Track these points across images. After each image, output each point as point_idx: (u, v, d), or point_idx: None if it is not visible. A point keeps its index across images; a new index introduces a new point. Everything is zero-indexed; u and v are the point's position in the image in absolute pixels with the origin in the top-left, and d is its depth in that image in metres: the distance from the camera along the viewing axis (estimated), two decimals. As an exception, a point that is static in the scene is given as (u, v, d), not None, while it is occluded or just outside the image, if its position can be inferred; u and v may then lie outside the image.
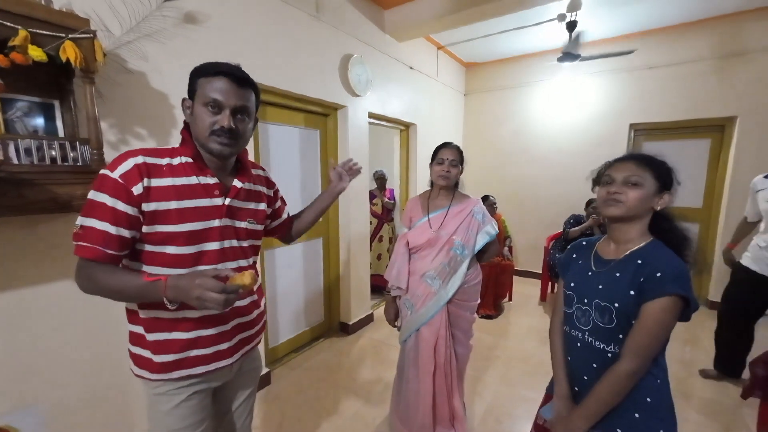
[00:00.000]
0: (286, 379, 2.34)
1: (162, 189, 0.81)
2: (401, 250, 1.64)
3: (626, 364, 0.85)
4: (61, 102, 1.29)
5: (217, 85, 0.83)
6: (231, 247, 0.92)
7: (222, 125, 0.83)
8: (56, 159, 1.14)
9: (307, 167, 2.67)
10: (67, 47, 1.05)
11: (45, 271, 1.31)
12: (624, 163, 0.93)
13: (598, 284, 0.94)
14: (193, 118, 0.86)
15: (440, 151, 1.59)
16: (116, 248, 0.78)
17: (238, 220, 0.94)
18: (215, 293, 0.70)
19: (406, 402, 1.66)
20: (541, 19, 3.26)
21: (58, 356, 1.37)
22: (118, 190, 0.77)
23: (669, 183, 0.91)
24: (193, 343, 0.88)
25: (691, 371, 2.37)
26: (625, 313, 0.87)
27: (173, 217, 0.82)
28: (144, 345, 0.88)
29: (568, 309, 1.02)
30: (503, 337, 2.95)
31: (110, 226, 0.76)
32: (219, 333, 0.91)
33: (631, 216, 0.91)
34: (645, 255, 0.89)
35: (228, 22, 1.85)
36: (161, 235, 0.82)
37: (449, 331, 1.59)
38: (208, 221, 0.87)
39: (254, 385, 1.14)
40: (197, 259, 0.86)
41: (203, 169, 0.88)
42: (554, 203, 4.20)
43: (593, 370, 0.93)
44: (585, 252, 1.05)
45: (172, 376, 0.88)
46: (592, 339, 0.94)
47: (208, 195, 0.87)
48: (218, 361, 0.92)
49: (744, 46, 3.13)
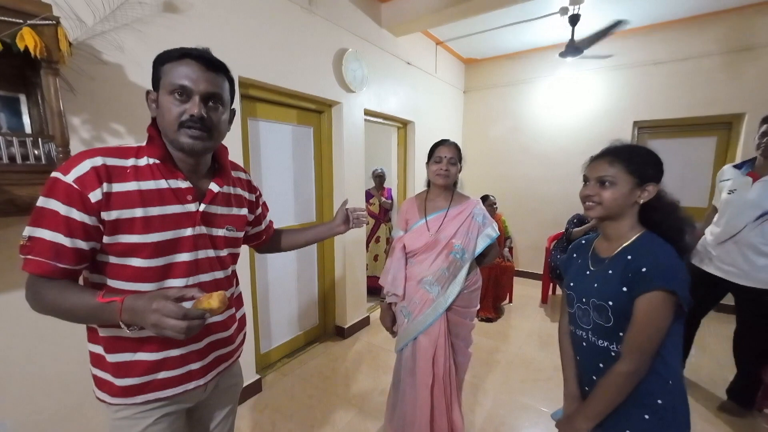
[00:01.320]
0: (278, 386, 2.25)
1: (125, 195, 0.72)
2: (397, 255, 1.55)
3: (624, 363, 0.83)
4: (28, 96, 1.19)
5: (183, 69, 0.73)
6: (206, 258, 0.83)
7: (192, 113, 0.73)
8: (15, 157, 1.04)
9: (300, 166, 2.58)
10: (25, 34, 0.96)
11: (3, 279, 1.21)
12: (597, 161, 0.92)
13: (593, 283, 0.92)
14: (159, 111, 0.76)
15: (437, 148, 1.50)
16: (70, 262, 0.69)
17: (215, 228, 0.85)
18: (175, 320, 0.62)
19: (402, 415, 1.57)
20: (543, 12, 3.16)
21: (26, 369, 1.28)
22: (72, 197, 0.67)
23: (649, 174, 0.88)
24: (160, 365, 0.79)
25: (698, 378, 2.28)
26: (621, 310, 0.85)
27: (138, 226, 0.72)
28: (104, 367, 0.79)
29: (571, 309, 1.01)
30: (503, 341, 2.86)
31: (63, 238, 0.67)
32: (190, 352, 0.82)
33: (613, 215, 0.90)
34: (634, 250, 0.87)
35: (212, 11, 1.75)
36: (124, 246, 0.72)
37: (448, 340, 1.49)
38: (179, 230, 0.77)
39: (233, 403, 1.04)
40: (165, 272, 0.77)
41: (173, 171, 0.78)
42: (556, 203, 4.11)
43: (600, 370, 0.91)
44: (583, 251, 1.04)
45: (136, 401, 0.79)
46: (595, 338, 0.93)
47: (179, 201, 0.78)
48: (188, 383, 0.83)
49: (753, 41, 3.02)
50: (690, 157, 3.49)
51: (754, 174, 1.79)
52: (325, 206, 2.78)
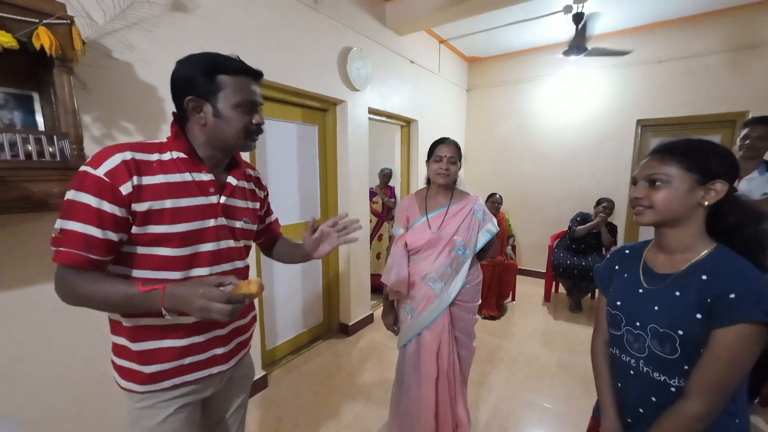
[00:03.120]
0: (283, 382, 2.27)
1: (154, 187, 0.75)
2: (399, 252, 1.55)
3: (695, 405, 0.70)
4: (41, 94, 1.21)
5: (247, 84, 0.81)
6: (228, 248, 0.87)
7: (259, 123, 0.83)
8: (32, 154, 1.06)
9: (305, 164, 2.59)
10: (41, 33, 0.98)
11: (17, 274, 1.23)
12: (647, 160, 0.79)
13: (653, 305, 0.78)
14: (218, 121, 0.80)
15: (437, 147, 1.51)
16: (102, 253, 0.72)
17: (233, 220, 0.89)
18: (221, 303, 0.67)
19: (407, 410, 1.59)
20: (547, 11, 3.16)
21: (36, 365, 1.30)
22: (103, 189, 0.70)
23: (714, 169, 0.72)
24: (186, 351, 0.83)
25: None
26: (692, 340, 0.71)
27: (168, 216, 0.76)
28: (129, 356, 0.81)
29: (616, 331, 0.86)
30: (507, 339, 2.87)
31: (95, 229, 0.70)
32: (215, 338, 0.87)
33: (671, 220, 0.76)
34: (711, 268, 0.72)
35: (219, 10, 1.77)
36: (153, 236, 0.76)
37: (452, 334, 1.51)
38: (203, 221, 0.82)
39: (246, 393, 1.07)
40: (191, 261, 0.81)
41: (198, 165, 0.82)
42: (558, 201, 4.11)
43: (651, 404, 0.79)
44: (631, 263, 0.88)
45: (164, 386, 0.82)
46: (650, 369, 0.78)
47: (202, 193, 0.82)
48: (212, 367, 0.88)
49: (757, 39, 3.02)
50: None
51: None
52: (329, 204, 2.80)
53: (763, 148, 1.80)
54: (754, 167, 1.82)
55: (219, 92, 0.78)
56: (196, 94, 0.78)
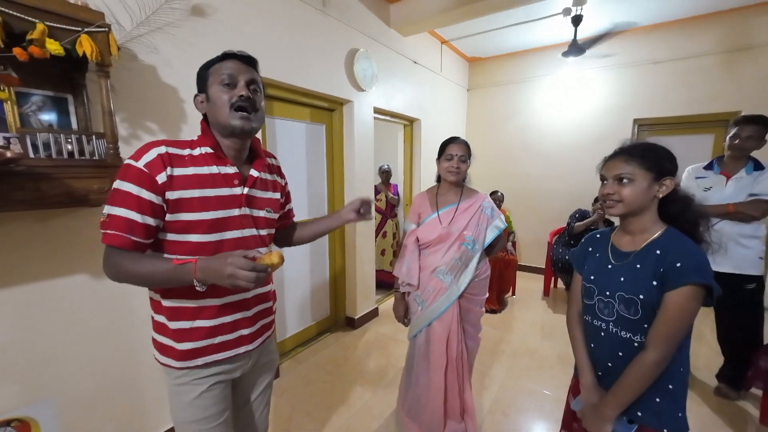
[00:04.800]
0: (294, 372, 2.36)
1: (185, 178, 0.83)
2: (410, 247, 1.64)
3: (653, 354, 0.86)
4: (74, 96, 1.29)
5: (228, 64, 0.87)
6: (251, 236, 0.94)
7: (240, 94, 0.85)
8: (73, 153, 1.14)
9: (313, 162, 2.67)
10: (84, 41, 1.05)
11: (60, 265, 1.32)
12: (612, 160, 0.95)
13: (619, 277, 0.95)
14: (210, 104, 0.88)
15: (448, 146, 1.58)
16: (142, 236, 0.80)
17: (256, 209, 0.96)
18: (246, 271, 0.72)
19: (415, 397, 1.68)
20: (546, 13, 3.25)
21: (73, 349, 1.38)
22: (143, 179, 0.78)
23: (666, 168, 0.91)
24: (216, 330, 0.90)
25: (694, 364, 2.39)
26: (650, 303, 0.88)
27: (196, 205, 0.84)
28: (167, 333, 0.90)
29: (589, 300, 1.03)
30: (508, 332, 2.97)
31: (135, 214, 0.78)
32: (242, 318, 0.94)
33: (635, 210, 0.93)
34: (663, 245, 0.90)
35: (234, 14, 1.84)
36: (184, 223, 0.83)
37: (460, 325, 1.60)
38: (229, 210, 0.89)
39: (272, 375, 1.15)
40: (218, 247, 0.88)
41: (222, 159, 0.89)
42: (557, 198, 4.21)
43: (619, 358, 0.95)
44: (601, 244, 1.06)
45: (197, 363, 0.90)
46: (617, 329, 0.95)
47: (228, 184, 0.89)
48: (240, 347, 0.95)
49: (750, 41, 3.12)
50: (689, 153, 3.54)
51: (726, 173, 1.95)
52: (336, 201, 2.88)
53: (752, 148, 1.86)
54: (742, 166, 1.90)
55: (208, 80, 0.87)
56: (199, 90, 0.91)
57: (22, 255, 1.24)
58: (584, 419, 0.99)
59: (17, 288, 1.24)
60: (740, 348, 1.98)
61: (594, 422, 0.94)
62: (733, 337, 2.03)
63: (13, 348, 1.25)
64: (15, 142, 1.10)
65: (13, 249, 1.21)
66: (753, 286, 1.88)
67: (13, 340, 1.25)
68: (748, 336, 1.95)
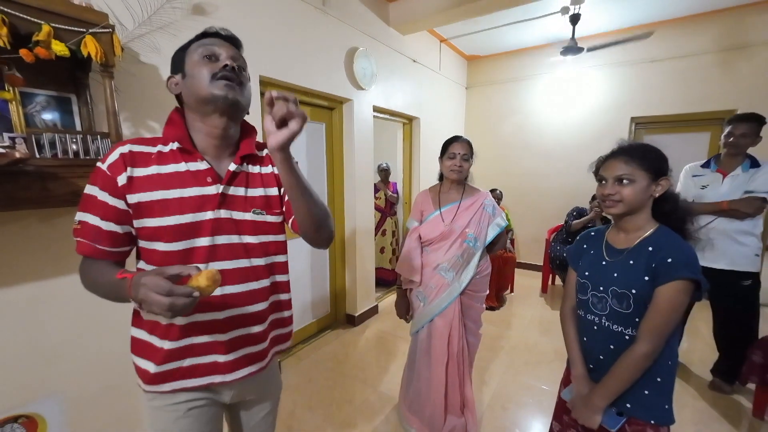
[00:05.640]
0: (295, 369, 2.38)
1: (145, 179, 0.74)
2: (413, 244, 1.66)
3: (643, 346, 0.90)
4: (78, 96, 1.29)
5: (210, 40, 0.78)
6: (228, 244, 0.78)
7: (225, 63, 0.75)
8: (78, 152, 1.15)
9: (313, 161, 2.69)
10: (88, 42, 1.06)
11: (64, 262, 1.33)
12: (612, 161, 0.97)
13: (613, 272, 0.98)
14: (187, 80, 0.76)
15: (451, 145, 1.60)
16: (108, 244, 0.73)
17: (239, 211, 0.80)
18: (159, 295, 0.58)
19: (417, 392, 1.70)
20: (544, 12, 3.26)
21: (79, 346, 1.40)
22: (106, 182, 0.72)
23: (662, 169, 0.95)
24: (185, 351, 0.79)
25: (689, 359, 2.44)
26: (642, 297, 0.92)
27: (157, 209, 0.73)
28: (139, 352, 0.81)
29: (583, 296, 1.06)
30: (507, 328, 3.00)
31: (99, 221, 0.72)
32: (216, 342, 0.80)
33: (634, 210, 0.96)
34: (655, 242, 0.93)
35: (235, 13, 1.85)
36: (149, 230, 0.74)
37: (461, 321, 1.62)
38: (199, 213, 0.76)
39: (273, 403, 1.00)
40: (185, 257, 0.75)
41: (192, 153, 0.77)
42: (555, 196, 4.24)
43: (610, 351, 0.99)
44: (595, 242, 1.09)
45: (164, 389, 0.79)
46: (610, 323, 0.99)
47: (197, 183, 0.76)
48: (214, 375, 0.81)
49: (746, 40, 3.15)
50: (685, 151, 3.60)
51: (722, 171, 1.98)
52: (336, 199, 2.90)
53: (746, 145, 1.89)
54: (738, 164, 1.93)
55: (186, 59, 0.77)
56: (174, 72, 0.80)
57: (29, 253, 1.25)
58: (574, 409, 1.02)
59: (24, 286, 1.25)
60: (735, 343, 2.01)
61: (583, 412, 0.97)
62: (729, 332, 2.06)
63: (19, 345, 1.26)
64: (21, 141, 1.11)
65: (20, 247, 1.23)
66: (749, 282, 1.91)
67: (20, 337, 1.26)
68: (743, 331, 1.99)
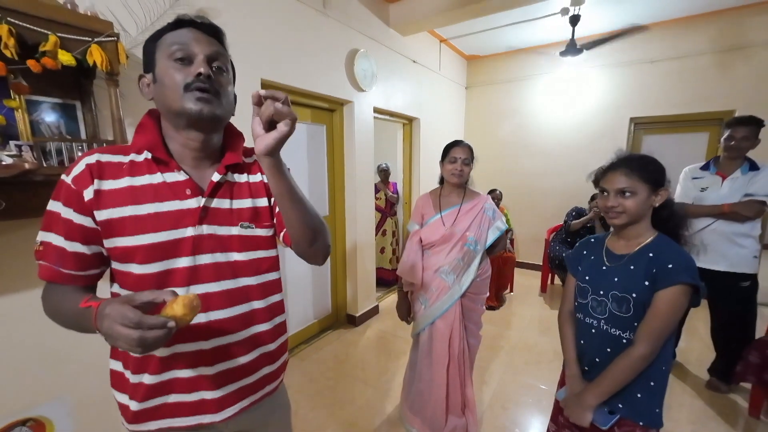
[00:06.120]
0: (297, 369, 2.41)
1: (115, 192, 0.64)
2: (414, 247, 1.68)
3: (641, 348, 0.93)
4: (83, 102, 1.31)
5: (182, 33, 0.66)
6: (212, 263, 0.70)
7: (198, 71, 0.63)
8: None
9: (314, 162, 2.70)
10: (94, 51, 1.07)
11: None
12: (613, 173, 1.00)
13: (613, 277, 1.01)
14: (157, 86, 0.66)
15: (452, 149, 1.62)
16: (73, 267, 0.64)
17: (224, 226, 0.71)
18: (126, 328, 0.50)
19: (418, 392, 1.73)
20: (544, 12, 3.27)
21: (85, 348, 1.41)
22: (70, 197, 0.63)
23: (661, 180, 0.98)
24: (167, 387, 0.69)
25: (686, 358, 2.47)
26: (641, 301, 0.95)
27: (129, 226, 0.64)
28: (118, 386, 0.73)
29: (583, 299, 1.09)
30: (506, 328, 3.03)
31: (63, 241, 0.63)
32: (202, 377, 0.70)
33: (636, 220, 1.00)
34: (655, 248, 0.97)
35: (238, 18, 1.86)
36: (121, 249, 0.65)
37: (462, 323, 1.64)
38: (177, 230, 0.66)
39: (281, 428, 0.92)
40: (162, 280, 0.66)
41: (167, 163, 0.68)
42: (554, 196, 4.26)
43: (606, 354, 1.02)
44: (596, 248, 1.13)
45: (150, 427, 0.71)
46: (608, 326, 1.02)
47: (175, 196, 0.67)
48: (203, 414, 0.71)
49: (744, 41, 3.16)
50: (684, 151, 3.64)
51: (722, 173, 2.00)
52: (337, 200, 2.92)
53: (746, 148, 1.91)
54: (737, 167, 1.95)
55: (156, 55, 0.66)
56: (145, 70, 0.68)
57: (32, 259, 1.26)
58: (566, 407, 1.05)
59: (33, 291, 1.27)
60: (732, 343, 2.04)
61: (575, 409, 1.00)
62: (727, 332, 2.09)
63: (28, 349, 1.28)
64: (27, 149, 1.13)
65: (27, 253, 1.24)
66: (747, 283, 1.94)
67: (28, 341, 1.28)
68: (741, 332, 2.02)
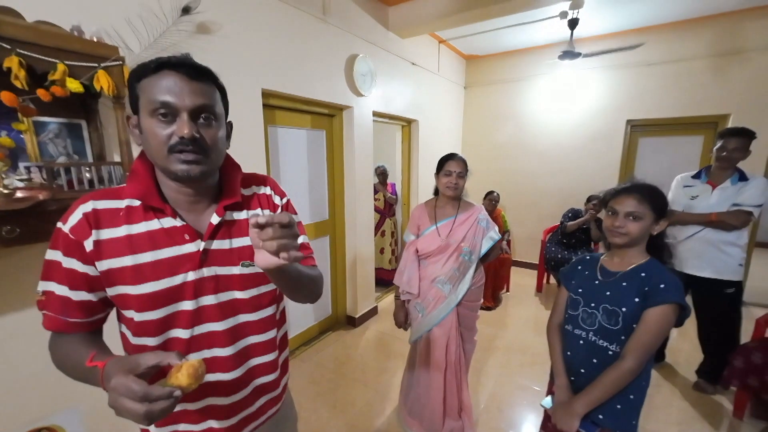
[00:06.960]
0: (298, 371, 2.47)
1: (113, 242, 0.64)
2: (411, 257, 1.73)
3: (630, 362, 0.99)
4: (88, 122, 1.33)
5: (163, 83, 0.60)
6: (217, 304, 0.70)
7: (181, 135, 0.60)
8: (93, 181, 1.20)
9: (314, 167, 2.74)
10: (101, 77, 1.10)
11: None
12: (626, 197, 1.05)
13: (605, 291, 1.08)
14: (143, 137, 0.63)
15: (447, 162, 1.65)
16: (79, 315, 0.65)
17: (225, 266, 0.71)
18: (132, 401, 0.49)
19: (416, 397, 1.79)
20: (543, 15, 3.28)
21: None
22: (70, 247, 0.63)
23: (664, 211, 1.05)
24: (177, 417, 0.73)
25: (675, 359, 2.55)
26: (630, 316, 1.02)
27: (128, 276, 0.64)
28: None
29: (574, 311, 1.15)
30: (502, 329, 3.10)
31: (68, 291, 0.63)
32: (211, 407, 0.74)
33: (635, 243, 1.06)
34: (647, 270, 1.04)
35: (239, 29, 1.87)
36: (124, 297, 0.65)
37: (458, 330, 1.70)
38: (177, 276, 0.66)
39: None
40: (168, 323, 0.67)
41: (164, 209, 0.66)
42: (551, 197, 4.31)
43: (593, 365, 1.08)
44: (590, 264, 1.20)
45: None
46: (596, 338, 1.08)
47: (174, 242, 0.67)
48: None
49: (740, 45, 3.19)
50: (679, 154, 3.69)
51: (712, 182, 2.05)
52: (336, 204, 2.95)
53: (737, 159, 1.95)
54: (728, 177, 2.00)
55: (140, 101, 0.62)
56: (133, 110, 0.65)
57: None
58: (554, 415, 1.10)
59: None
60: (719, 347, 2.12)
61: (563, 417, 1.06)
62: (713, 336, 2.17)
63: (42, 360, 1.32)
64: (36, 171, 1.16)
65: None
66: (732, 290, 2.01)
67: (43, 353, 1.32)
68: (726, 336, 2.09)
